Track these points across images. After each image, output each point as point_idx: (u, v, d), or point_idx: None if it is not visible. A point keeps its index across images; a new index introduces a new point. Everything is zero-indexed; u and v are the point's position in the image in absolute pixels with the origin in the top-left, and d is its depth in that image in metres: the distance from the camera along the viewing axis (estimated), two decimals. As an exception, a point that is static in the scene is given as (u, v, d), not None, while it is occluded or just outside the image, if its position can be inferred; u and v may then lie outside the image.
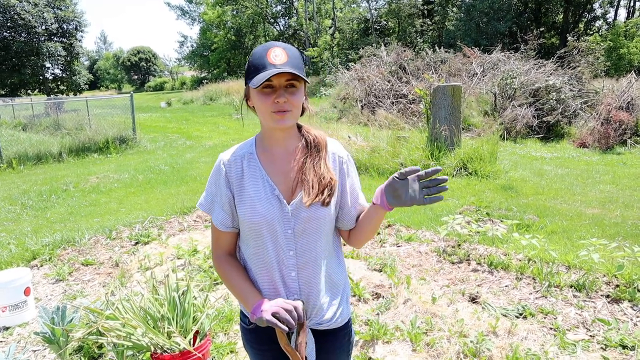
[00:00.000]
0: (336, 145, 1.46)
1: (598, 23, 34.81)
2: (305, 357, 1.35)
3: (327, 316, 1.45)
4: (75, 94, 39.93)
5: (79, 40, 39.44)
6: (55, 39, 37.02)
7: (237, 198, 1.38)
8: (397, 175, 1.26)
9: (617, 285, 3.45)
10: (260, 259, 1.40)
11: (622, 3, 35.27)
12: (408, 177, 1.26)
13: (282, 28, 48.55)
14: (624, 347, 2.74)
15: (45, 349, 2.98)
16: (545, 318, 3.11)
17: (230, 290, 1.43)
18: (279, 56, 1.25)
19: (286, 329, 1.23)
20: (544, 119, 11.42)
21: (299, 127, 1.44)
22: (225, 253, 1.47)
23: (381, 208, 1.33)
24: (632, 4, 34.24)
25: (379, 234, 4.78)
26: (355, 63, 19.00)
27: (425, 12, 36.19)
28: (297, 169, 1.38)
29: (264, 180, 1.37)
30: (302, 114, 1.40)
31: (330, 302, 1.46)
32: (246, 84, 1.32)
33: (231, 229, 1.43)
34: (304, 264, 1.39)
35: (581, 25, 33.64)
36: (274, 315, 1.24)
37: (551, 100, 11.65)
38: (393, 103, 13.92)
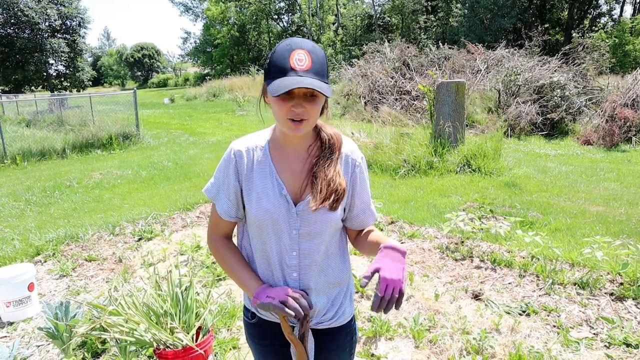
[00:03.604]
0: (351, 146, 1.41)
1: (603, 19, 34.62)
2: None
3: (328, 315, 1.44)
4: (78, 91, 40.02)
5: (82, 37, 39.54)
6: (59, 35, 37.11)
7: (245, 191, 1.36)
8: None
9: (621, 283, 3.44)
10: (264, 256, 1.39)
11: (627, -1, 35.01)
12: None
13: (285, 24, 48.45)
14: (628, 345, 2.73)
15: (49, 344, 2.99)
16: (548, 316, 3.10)
17: (229, 275, 1.42)
18: (302, 60, 1.18)
19: (293, 314, 1.22)
20: (548, 115, 11.36)
21: (315, 126, 1.39)
22: (222, 236, 1.46)
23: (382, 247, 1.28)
24: (638, 0, 33.99)
25: (381, 229, 4.78)
26: (358, 59, 18.96)
27: (429, 8, 36.09)
28: (308, 170, 1.35)
29: (272, 177, 1.34)
30: (320, 115, 1.35)
31: (331, 301, 1.44)
32: (265, 80, 1.26)
33: (234, 218, 1.41)
34: (307, 266, 1.37)
35: (586, 22, 33.46)
36: (282, 302, 1.24)
37: (555, 97, 11.59)
38: (396, 99, 13.88)
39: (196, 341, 2.31)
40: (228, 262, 1.41)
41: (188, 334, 2.30)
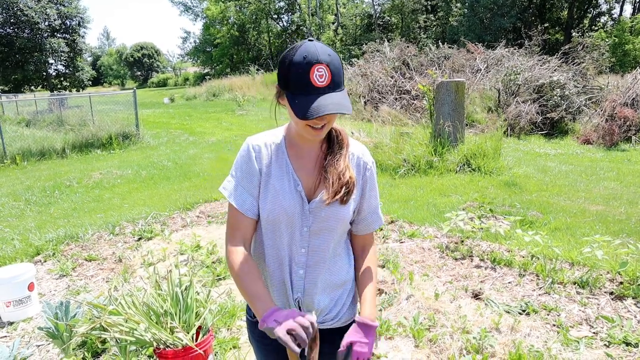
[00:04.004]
0: (362, 149, 1.43)
1: (603, 19, 34.59)
2: None
3: (330, 315, 1.45)
4: (78, 90, 40.01)
5: (82, 37, 39.50)
6: (59, 35, 37.09)
7: (262, 186, 1.36)
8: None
9: (621, 282, 3.44)
10: (276, 251, 1.39)
11: (627, -2, 35.03)
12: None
13: (285, 24, 48.44)
14: (628, 344, 2.73)
15: (49, 343, 2.99)
16: (548, 315, 3.11)
17: (240, 290, 1.34)
18: (323, 76, 1.17)
19: (298, 350, 1.14)
20: (548, 115, 11.36)
21: None
22: (242, 244, 1.37)
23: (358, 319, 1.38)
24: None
25: (381, 229, 4.78)
26: (358, 59, 18.95)
27: (429, 7, 36.08)
28: (320, 166, 1.37)
29: (289, 174, 1.35)
30: None
31: (334, 301, 1.45)
32: (282, 86, 1.24)
33: (257, 216, 1.37)
34: (314, 263, 1.38)
35: (586, 21, 33.45)
36: (289, 332, 1.14)
37: (555, 97, 11.59)
38: (396, 99, 13.88)
39: (196, 341, 2.31)
40: (243, 278, 1.32)
41: (188, 333, 2.30)
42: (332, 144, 1.38)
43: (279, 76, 1.26)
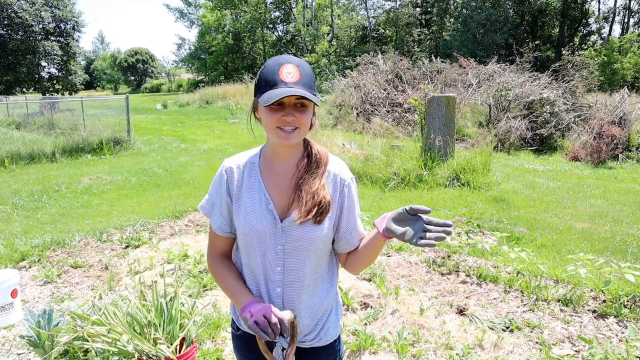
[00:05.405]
0: (340, 166, 1.43)
1: (593, 37, 35.25)
2: None
3: (310, 336, 1.45)
4: (70, 94, 39.76)
5: (76, 40, 39.34)
6: (52, 38, 36.89)
7: (234, 206, 1.39)
8: (407, 208, 1.23)
9: (604, 301, 3.48)
10: (250, 269, 1.41)
11: (616, 19, 35.77)
12: (417, 214, 1.24)
13: (280, 34, 48.70)
14: (608, 362, 2.75)
15: (30, 352, 2.96)
16: (531, 332, 3.13)
17: (223, 289, 1.44)
18: (291, 73, 1.24)
19: (266, 337, 1.24)
20: (538, 131, 11.52)
21: (304, 141, 1.42)
22: (219, 255, 1.48)
23: (378, 234, 1.31)
24: (626, 20, 34.70)
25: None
26: (352, 70, 19.09)
27: (423, 21, 36.54)
28: (294, 185, 1.37)
29: (260, 192, 1.36)
30: (309, 129, 1.38)
31: (313, 322, 1.45)
32: (255, 95, 1.30)
33: (228, 234, 1.44)
34: (290, 282, 1.39)
35: (576, 39, 34.04)
36: (256, 322, 1.25)
37: (545, 113, 11.76)
38: (388, 111, 13.99)
39: (179, 352, 2.30)
40: (222, 277, 1.44)
41: (171, 345, 2.30)
42: (310, 162, 1.38)
43: (255, 87, 1.31)
